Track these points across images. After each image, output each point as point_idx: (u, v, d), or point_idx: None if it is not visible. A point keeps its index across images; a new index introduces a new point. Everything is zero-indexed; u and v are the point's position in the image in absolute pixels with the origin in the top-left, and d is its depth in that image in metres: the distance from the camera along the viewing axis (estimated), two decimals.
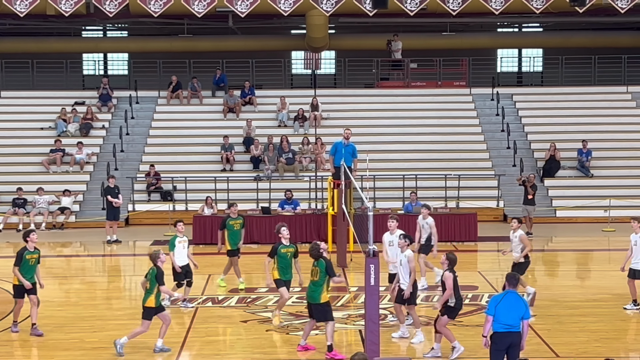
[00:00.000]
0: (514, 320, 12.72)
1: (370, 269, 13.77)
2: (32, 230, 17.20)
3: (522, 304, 12.84)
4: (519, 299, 12.89)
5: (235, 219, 20.37)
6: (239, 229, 20.32)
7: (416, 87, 37.46)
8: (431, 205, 28.29)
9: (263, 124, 34.90)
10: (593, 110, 35.45)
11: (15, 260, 16.45)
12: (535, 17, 37.17)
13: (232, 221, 20.32)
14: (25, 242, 16.60)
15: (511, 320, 12.71)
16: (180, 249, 18.25)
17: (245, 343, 15.97)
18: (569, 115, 35.18)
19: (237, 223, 20.35)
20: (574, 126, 34.43)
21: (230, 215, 20.47)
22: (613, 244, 27.01)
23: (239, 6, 31.69)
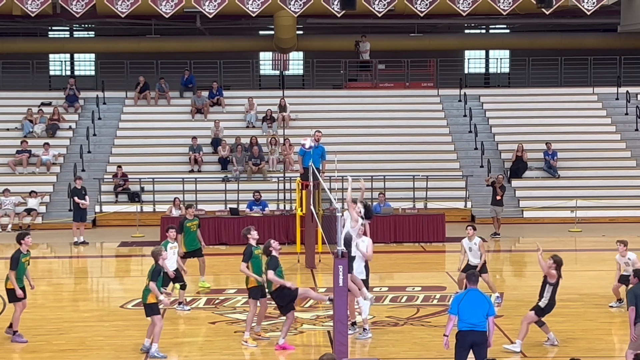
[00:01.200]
0: (477, 318, 12.73)
1: (339, 269, 13.77)
2: (28, 233, 16.83)
3: (485, 301, 12.85)
4: (481, 297, 12.91)
5: (191, 221, 20.37)
6: (195, 230, 20.33)
7: (384, 88, 37.53)
8: (399, 206, 28.55)
9: (231, 124, 34.83)
10: (560, 112, 35.66)
11: (10, 264, 15.95)
12: (503, 18, 37.39)
13: (189, 223, 20.31)
14: (19, 244, 16.19)
15: (474, 319, 12.73)
16: (171, 255, 18.00)
17: (213, 345, 15.92)
18: (536, 117, 35.37)
19: (193, 225, 20.35)
20: (541, 127, 34.63)
21: (187, 217, 20.44)
22: (580, 245, 27.19)
23: (206, 7, 31.63)
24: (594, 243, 26.46)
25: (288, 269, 22.91)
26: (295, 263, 23.43)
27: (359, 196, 17.44)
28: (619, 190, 31.62)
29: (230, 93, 36.86)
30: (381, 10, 31.85)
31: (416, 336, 16.34)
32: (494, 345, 15.62)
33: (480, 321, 12.76)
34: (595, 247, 26.02)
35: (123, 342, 16.02)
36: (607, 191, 31.49)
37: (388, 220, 26.93)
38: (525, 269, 23.56)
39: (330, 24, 38.48)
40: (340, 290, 13.85)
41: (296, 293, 15.42)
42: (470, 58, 44.08)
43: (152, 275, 14.95)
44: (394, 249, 25.71)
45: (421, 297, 19.29)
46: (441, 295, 19.52)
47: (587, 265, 23.65)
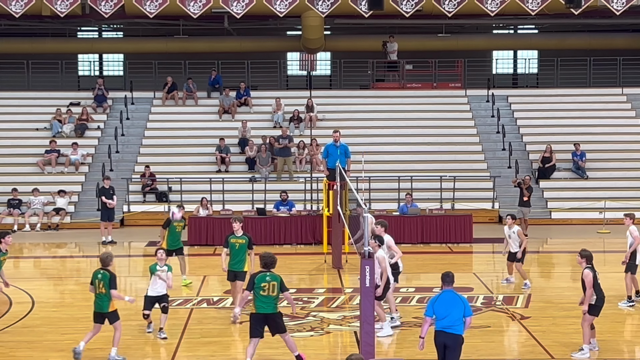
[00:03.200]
0: (451, 319, 12.68)
1: (366, 270, 13.76)
2: (8, 232, 16.95)
3: (459, 302, 12.79)
4: (455, 298, 12.84)
5: (179, 221, 20.84)
6: (180, 230, 20.85)
7: (412, 88, 37.48)
8: (426, 206, 28.51)
9: (258, 125, 34.90)
10: (588, 112, 35.48)
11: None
12: (531, 18, 37.23)
13: (176, 222, 20.73)
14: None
15: (448, 320, 12.69)
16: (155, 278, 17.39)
17: (240, 344, 15.95)
18: (565, 117, 35.21)
19: (179, 225, 20.83)
20: (570, 128, 34.47)
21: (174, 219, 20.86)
22: (608, 246, 27.02)
23: (234, 7, 31.69)
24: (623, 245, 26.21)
25: (315, 269, 22.99)
26: (322, 263, 23.45)
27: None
28: None
29: (257, 93, 36.93)
30: (409, 11, 31.79)
31: None
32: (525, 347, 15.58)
33: (455, 322, 12.69)
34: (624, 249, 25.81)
35: (147, 340, 16.09)
36: (635, 192, 31.28)
37: (415, 221, 26.89)
38: (553, 270, 23.45)
39: (358, 24, 38.46)
40: (367, 290, 13.84)
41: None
42: (498, 58, 43.91)
43: (112, 283, 14.74)
44: (421, 250, 25.67)
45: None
46: (468, 296, 19.44)
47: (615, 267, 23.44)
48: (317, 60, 42.52)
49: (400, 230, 26.63)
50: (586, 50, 39.35)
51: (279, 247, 25.96)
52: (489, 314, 17.99)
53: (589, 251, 15.37)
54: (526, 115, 35.68)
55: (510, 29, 44.46)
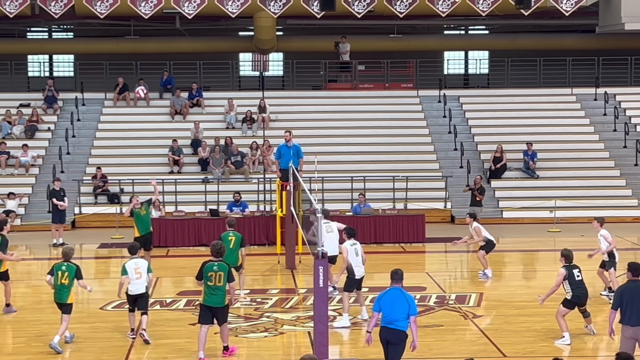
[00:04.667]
0: (394, 316, 12.81)
1: (319, 270, 13.77)
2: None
3: (404, 301, 12.88)
4: (400, 295, 12.95)
5: (140, 208, 22.24)
6: (145, 213, 22.30)
7: (364, 89, 37.57)
8: (379, 206, 28.60)
9: (211, 125, 34.78)
10: (538, 112, 35.78)
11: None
12: (481, 19, 37.52)
13: (138, 209, 22.25)
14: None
15: (391, 317, 12.82)
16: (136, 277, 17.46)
17: (194, 346, 15.88)
18: (515, 117, 35.49)
19: (142, 209, 22.21)
20: (520, 128, 34.74)
21: (135, 207, 22.27)
22: (558, 244, 27.22)
23: (186, 8, 31.58)
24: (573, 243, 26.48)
25: (268, 270, 22.97)
26: (276, 264, 23.44)
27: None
28: (597, 191, 31.77)
29: (209, 94, 36.80)
30: (361, 11, 31.87)
31: None
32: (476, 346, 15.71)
33: (397, 320, 12.81)
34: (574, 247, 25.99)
35: (103, 344, 15.98)
36: (585, 191, 31.63)
37: (368, 221, 26.96)
38: (504, 269, 23.62)
39: (310, 24, 38.49)
40: (321, 291, 13.85)
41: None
42: (449, 59, 44.18)
43: (77, 274, 15.74)
44: (374, 250, 25.72)
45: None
46: (421, 295, 19.56)
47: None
48: (270, 60, 42.49)
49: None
50: (536, 51, 39.71)
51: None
52: (442, 313, 18.10)
53: (569, 250, 16.05)
54: (477, 115, 35.92)
55: (461, 29, 44.79)
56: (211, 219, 27.00)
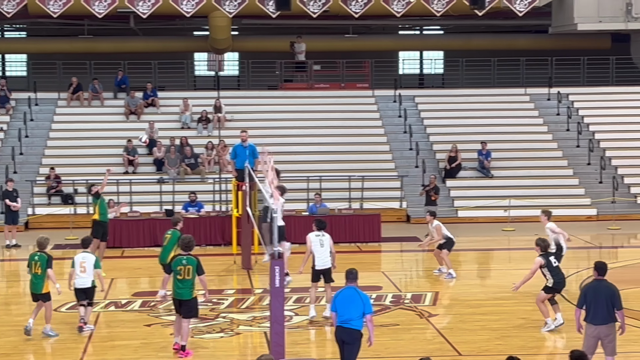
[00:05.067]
0: (348, 315, 12.83)
1: (275, 270, 13.76)
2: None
3: (359, 300, 12.91)
4: (354, 294, 12.98)
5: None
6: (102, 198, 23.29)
7: (319, 88, 37.58)
8: (335, 206, 28.63)
9: (166, 125, 34.61)
10: (493, 112, 36.02)
11: None
12: (436, 19, 37.71)
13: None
14: None
15: (346, 316, 12.85)
16: (83, 270, 17.41)
17: (149, 347, 15.81)
18: (470, 117, 35.69)
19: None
20: (475, 127, 34.94)
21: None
22: (513, 243, 27.52)
23: (140, 7, 31.41)
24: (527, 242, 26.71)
25: (224, 270, 22.91)
26: (232, 264, 23.38)
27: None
28: (550, 190, 32.05)
29: (164, 94, 36.61)
30: (316, 11, 31.92)
31: None
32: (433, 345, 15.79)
33: (352, 319, 12.83)
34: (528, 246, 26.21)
35: (56, 346, 15.84)
36: (539, 190, 31.90)
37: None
38: (460, 268, 23.71)
39: (266, 24, 38.44)
40: (277, 291, 13.84)
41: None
42: (404, 59, 44.34)
43: (49, 264, 16.00)
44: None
45: None
46: (377, 295, 19.61)
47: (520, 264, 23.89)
48: (225, 60, 42.38)
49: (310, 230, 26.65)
50: (490, 51, 39.96)
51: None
52: (398, 312, 18.17)
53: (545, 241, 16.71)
54: (432, 115, 36.08)
55: (416, 30, 44.98)
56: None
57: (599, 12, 36.30)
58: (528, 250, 24.08)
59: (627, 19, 36.15)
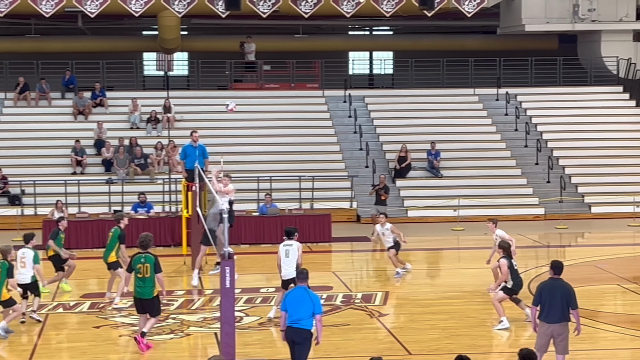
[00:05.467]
0: (297, 315, 12.85)
1: (226, 271, 13.72)
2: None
3: (308, 300, 12.92)
4: (304, 295, 12.99)
5: (63, 232, 20.19)
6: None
7: (269, 89, 37.54)
8: (285, 206, 28.62)
9: (115, 126, 34.35)
10: (442, 112, 36.22)
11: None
12: (386, 20, 37.85)
13: (62, 234, 20.09)
14: None
15: (295, 315, 12.87)
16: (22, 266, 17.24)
17: (98, 349, 15.69)
18: (419, 117, 35.86)
19: (63, 237, 20.15)
20: (424, 127, 35.11)
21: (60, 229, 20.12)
22: (462, 243, 27.69)
23: (88, 6, 31.14)
24: (476, 241, 26.95)
25: (174, 271, 22.78)
26: (182, 265, 23.26)
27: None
28: (499, 189, 32.29)
29: (113, 94, 36.33)
30: (266, 11, 31.87)
31: None
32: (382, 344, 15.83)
33: (302, 319, 12.85)
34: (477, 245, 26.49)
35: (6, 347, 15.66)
36: (488, 190, 32.13)
37: (275, 221, 26.94)
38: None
39: (215, 24, 38.31)
40: (227, 291, 13.80)
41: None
42: (354, 59, 44.45)
43: (9, 273, 15.94)
44: None
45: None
46: (328, 295, 19.63)
47: (470, 263, 24.13)
48: (174, 60, 42.18)
49: (260, 231, 26.70)
50: (439, 52, 40.19)
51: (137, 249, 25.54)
52: (348, 312, 18.19)
53: (506, 243, 16.93)
54: (382, 115, 36.19)
55: (366, 30, 45.11)
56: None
57: (546, 13, 36.71)
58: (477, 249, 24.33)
59: (574, 20, 36.57)
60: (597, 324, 17.06)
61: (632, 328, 16.85)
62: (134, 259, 15.49)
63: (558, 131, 35.44)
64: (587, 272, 22.13)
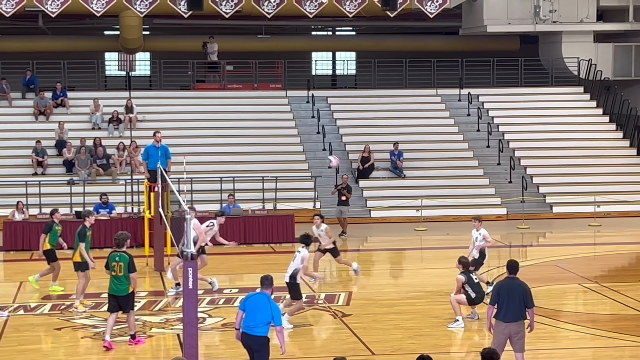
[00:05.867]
0: (253, 321, 12.72)
1: (188, 272, 13.66)
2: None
3: (268, 309, 12.72)
4: (266, 302, 12.81)
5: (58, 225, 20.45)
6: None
7: (232, 89, 37.45)
8: (248, 207, 28.56)
9: (76, 126, 34.12)
10: (405, 113, 36.32)
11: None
12: (349, 21, 37.88)
13: (57, 227, 20.33)
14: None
15: (251, 321, 12.75)
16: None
17: (59, 351, 15.57)
18: (382, 118, 35.93)
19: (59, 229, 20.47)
20: (387, 128, 35.20)
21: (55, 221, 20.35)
22: (425, 243, 27.78)
23: (49, 6, 30.86)
24: (439, 241, 27.09)
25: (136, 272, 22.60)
26: (144, 266, 23.14)
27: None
28: (461, 190, 32.44)
29: (74, 94, 36.08)
30: (228, 12, 31.75)
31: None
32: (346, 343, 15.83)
33: (257, 325, 12.70)
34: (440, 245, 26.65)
35: None
36: (450, 190, 32.27)
37: (238, 222, 26.90)
38: (373, 268, 23.91)
39: (178, 24, 38.16)
40: (190, 292, 13.74)
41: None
42: (317, 60, 44.46)
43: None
44: (244, 250, 25.71)
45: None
46: None
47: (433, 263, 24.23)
48: (136, 60, 41.96)
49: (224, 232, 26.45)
50: (402, 52, 40.30)
51: (99, 250, 25.37)
52: (312, 312, 18.20)
53: (466, 259, 17.10)
54: (345, 115, 36.23)
55: (329, 30, 45.14)
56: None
57: (508, 14, 36.93)
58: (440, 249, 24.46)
59: (535, 21, 36.81)
60: (558, 323, 17.20)
61: (593, 327, 17.00)
62: (109, 257, 15.75)
63: (520, 132, 35.67)
64: (549, 271, 22.30)
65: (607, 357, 15.37)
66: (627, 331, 16.64)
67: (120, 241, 15.88)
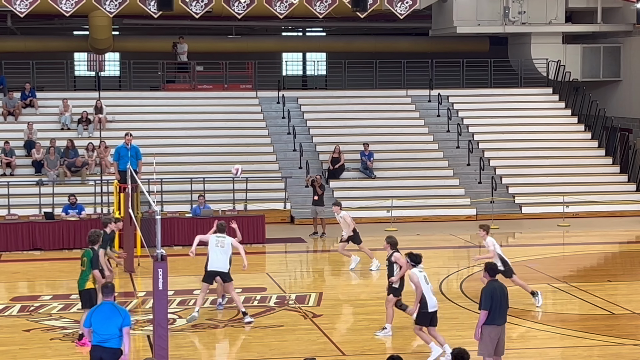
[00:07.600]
0: (106, 332, 12.28)
1: (159, 273, 13.62)
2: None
3: (117, 315, 12.38)
4: (113, 310, 12.44)
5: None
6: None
7: (202, 89, 37.37)
8: (219, 207, 28.51)
9: (45, 127, 33.92)
10: (375, 113, 36.38)
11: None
12: (319, 21, 37.91)
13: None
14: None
15: (103, 333, 12.28)
16: None
17: (29, 353, 15.48)
18: (353, 118, 35.99)
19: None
20: (358, 128, 35.26)
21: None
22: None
23: (17, 6, 30.66)
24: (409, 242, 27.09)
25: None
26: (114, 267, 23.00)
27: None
28: (432, 190, 32.54)
29: (43, 94, 35.87)
30: (199, 12, 31.69)
31: (237, 337, 16.39)
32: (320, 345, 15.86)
33: (112, 337, 12.29)
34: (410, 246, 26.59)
35: None
36: (420, 191, 32.36)
37: (208, 223, 26.79)
38: (343, 268, 23.91)
39: (147, 24, 38.03)
40: (160, 293, 13.70)
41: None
42: (288, 60, 44.45)
43: None
44: None
45: (242, 298, 19.31)
46: (262, 296, 19.62)
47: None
48: (106, 60, 41.78)
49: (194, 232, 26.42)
50: (372, 53, 40.39)
51: (69, 251, 25.27)
52: (282, 313, 18.20)
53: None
54: (316, 116, 36.26)
55: (299, 31, 45.15)
56: (46, 222, 26.32)
57: (477, 15, 37.08)
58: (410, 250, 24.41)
59: (504, 23, 36.98)
60: (527, 323, 17.29)
61: (562, 327, 17.12)
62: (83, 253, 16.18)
63: (489, 132, 35.84)
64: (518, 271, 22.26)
65: (576, 356, 15.48)
66: (595, 331, 16.77)
67: (93, 238, 16.23)
